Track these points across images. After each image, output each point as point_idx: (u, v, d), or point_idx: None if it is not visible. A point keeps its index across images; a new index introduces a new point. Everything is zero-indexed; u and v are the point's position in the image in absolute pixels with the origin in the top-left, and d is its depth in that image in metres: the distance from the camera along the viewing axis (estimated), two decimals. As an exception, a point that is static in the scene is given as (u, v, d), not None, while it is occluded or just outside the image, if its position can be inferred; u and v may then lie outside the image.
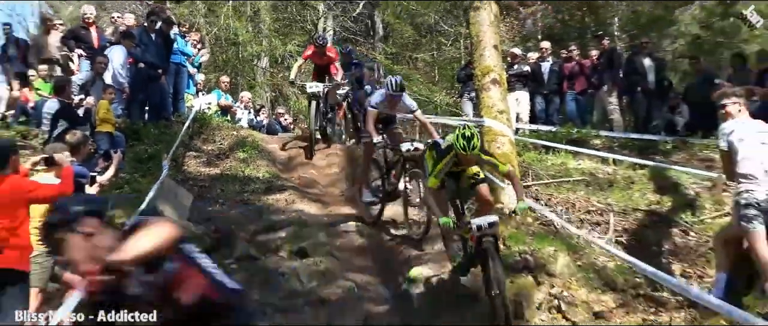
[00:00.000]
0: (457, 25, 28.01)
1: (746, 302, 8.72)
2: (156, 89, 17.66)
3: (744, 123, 8.95)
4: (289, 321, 9.94)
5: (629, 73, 17.96)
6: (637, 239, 11.45)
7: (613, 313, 9.61)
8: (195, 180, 15.04)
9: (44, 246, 5.62)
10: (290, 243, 12.03)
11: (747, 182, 8.54)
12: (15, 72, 17.68)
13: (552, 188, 13.20)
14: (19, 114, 16.66)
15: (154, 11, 20.16)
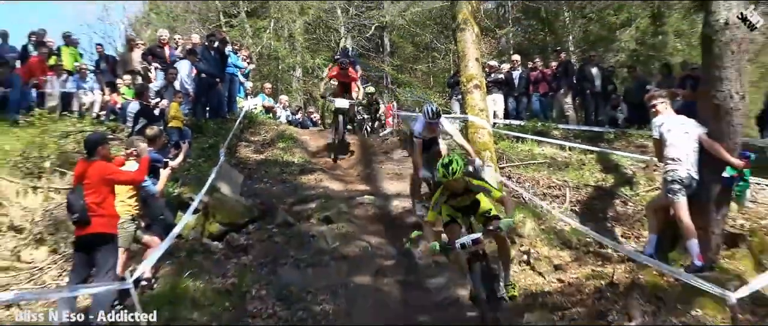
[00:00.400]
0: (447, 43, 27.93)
1: (671, 257, 8.71)
2: (214, 93, 17.71)
3: (670, 118, 8.95)
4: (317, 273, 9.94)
5: (581, 80, 17.98)
6: (587, 208, 11.45)
7: (569, 265, 9.63)
8: (245, 164, 15.04)
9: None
10: (318, 212, 12.03)
11: (673, 163, 8.55)
12: (106, 81, 17.69)
13: (521, 168, 13.21)
14: (109, 114, 16.65)
15: (212, 33, 20.25)
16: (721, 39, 8.43)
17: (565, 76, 18.26)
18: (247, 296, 9.27)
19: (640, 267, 8.65)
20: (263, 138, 17.10)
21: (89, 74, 17.77)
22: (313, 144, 17.35)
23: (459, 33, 13.83)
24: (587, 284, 8.85)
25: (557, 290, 8.92)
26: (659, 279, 8.31)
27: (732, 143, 8.50)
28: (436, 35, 30.10)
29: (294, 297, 9.24)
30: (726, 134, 8.49)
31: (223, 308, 8.91)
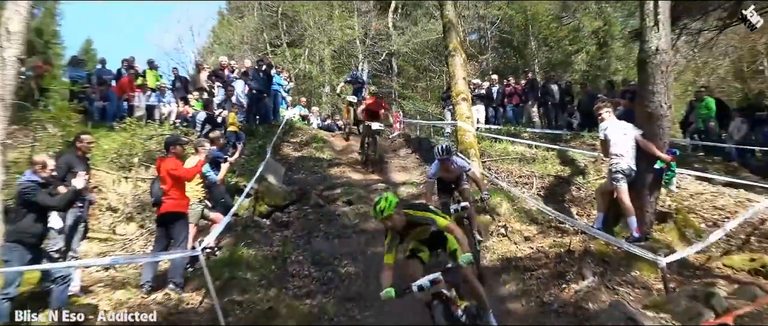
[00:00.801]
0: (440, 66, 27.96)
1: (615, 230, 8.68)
2: (262, 105, 17.75)
3: (613, 123, 8.95)
4: (342, 243, 9.95)
5: (544, 94, 17.95)
6: (550, 193, 11.40)
7: (536, 237, 9.60)
8: (286, 160, 15.06)
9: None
10: (343, 196, 12.05)
11: (616, 157, 8.56)
12: (180, 96, 17.72)
13: (498, 162, 13.16)
14: (182, 121, 16.68)
15: (261, 59, 20.30)
16: (653, 62, 8.43)
17: (532, 91, 18.20)
18: (288, 260, 9.29)
19: (591, 238, 8.62)
20: (300, 140, 17.11)
21: (167, 91, 17.83)
22: (338, 144, 17.38)
23: (450, 58, 13.83)
24: (550, 251, 8.83)
25: (527, 256, 8.90)
26: (606, 248, 8.29)
27: (662, 142, 8.51)
28: (432, 60, 30.10)
29: (324, 261, 9.26)
30: (657, 135, 8.51)
31: (269, 270, 8.92)
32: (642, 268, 7.70)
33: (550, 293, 7.55)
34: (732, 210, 10.24)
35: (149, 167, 12.52)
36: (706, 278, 7.49)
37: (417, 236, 6.31)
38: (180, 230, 8.55)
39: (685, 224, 9.34)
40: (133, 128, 13.80)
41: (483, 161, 12.68)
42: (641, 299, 6.72)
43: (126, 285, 8.60)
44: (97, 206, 10.94)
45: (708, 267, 8.01)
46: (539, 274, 8.14)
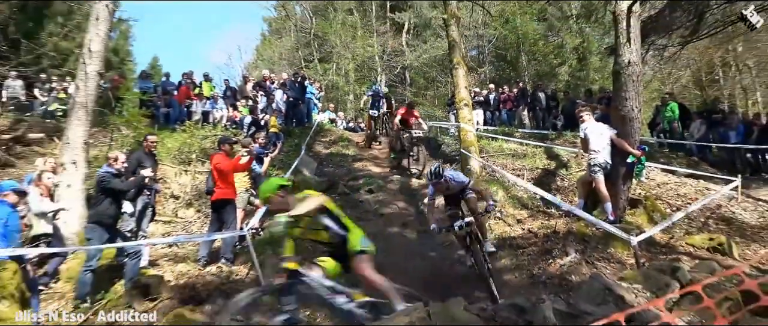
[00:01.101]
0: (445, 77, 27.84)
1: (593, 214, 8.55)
2: (298, 110, 17.73)
3: (592, 124, 8.82)
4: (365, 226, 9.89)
5: (533, 100, 17.80)
6: (538, 182, 11.25)
7: (526, 220, 9.49)
8: (318, 156, 15.04)
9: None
10: (365, 186, 12.01)
11: (594, 153, 8.43)
12: (230, 103, 17.76)
13: (495, 157, 13.04)
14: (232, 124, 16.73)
15: (296, 72, 20.27)
16: (626, 72, 8.35)
17: (523, 97, 18.08)
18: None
19: (574, 220, 8.54)
20: (329, 139, 17.07)
21: (219, 99, 17.87)
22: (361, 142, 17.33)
23: (454, 70, 13.70)
24: (539, 232, 8.74)
25: (519, 235, 8.82)
26: (586, 229, 8.20)
27: (633, 140, 8.42)
28: (439, 72, 30.04)
29: (349, 240, 9.23)
30: (629, 135, 8.41)
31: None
32: (616, 246, 7.61)
33: (539, 267, 7.47)
34: (693, 197, 10.13)
35: (204, 162, 12.57)
36: (671, 254, 7.39)
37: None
38: (230, 214, 8.58)
39: (653, 209, 9.22)
40: (191, 130, 13.87)
41: (482, 156, 12.59)
42: (616, 272, 6.63)
43: (186, 260, 8.65)
44: (162, 195, 11.02)
45: (673, 245, 7.91)
46: (529, 251, 8.06)
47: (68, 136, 9.71)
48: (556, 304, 3.91)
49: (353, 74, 30.75)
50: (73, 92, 10.24)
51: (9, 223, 6.16)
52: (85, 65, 9.94)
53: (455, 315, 3.56)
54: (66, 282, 7.94)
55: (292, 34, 34.17)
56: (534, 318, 3.70)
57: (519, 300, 4.04)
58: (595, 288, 4.32)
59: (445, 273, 7.86)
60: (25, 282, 5.75)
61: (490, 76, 27.48)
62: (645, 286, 4.74)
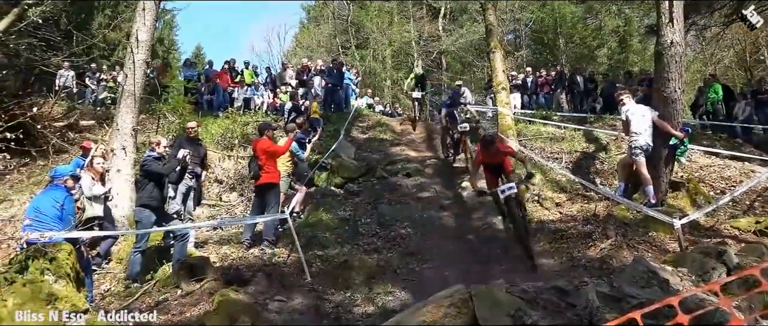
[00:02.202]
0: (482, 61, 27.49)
1: (634, 198, 8.33)
2: (336, 96, 17.73)
3: (633, 106, 8.52)
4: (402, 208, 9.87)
5: (571, 83, 17.38)
6: (577, 166, 11.04)
7: (565, 203, 9.29)
8: (356, 140, 15.03)
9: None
10: (402, 170, 11.93)
11: (636, 135, 8.15)
12: (270, 89, 17.91)
13: (532, 141, 12.80)
14: (272, 110, 16.87)
15: (334, 59, 20.30)
16: (668, 53, 8.07)
17: (560, 81, 17.65)
18: (358, 222, 9.27)
19: (614, 204, 8.32)
20: (366, 124, 17.05)
21: (260, 86, 18.04)
22: (398, 127, 17.24)
23: (491, 54, 13.52)
24: (577, 215, 8.55)
25: (558, 219, 8.64)
26: (626, 212, 7.97)
27: (675, 122, 8.17)
28: (475, 56, 29.67)
29: (388, 223, 9.20)
30: (671, 116, 8.16)
31: (343, 230, 8.94)
32: (658, 230, 7.37)
33: (579, 251, 7.30)
34: (737, 180, 9.74)
35: (247, 147, 12.72)
36: (716, 238, 7.13)
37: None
38: (271, 197, 8.66)
39: (696, 192, 8.89)
40: (233, 116, 14.05)
41: (520, 140, 12.38)
42: (658, 256, 6.43)
43: (230, 242, 8.78)
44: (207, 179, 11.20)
45: (717, 229, 7.64)
46: (569, 235, 7.88)
47: (117, 123, 9.94)
48: (599, 287, 3.80)
49: (390, 60, 30.63)
50: (121, 81, 10.46)
51: (65, 207, 6.33)
52: (133, 55, 10.13)
53: (497, 297, 3.49)
54: (117, 263, 8.17)
55: (329, 22, 34.18)
56: (576, 300, 3.60)
57: (561, 283, 3.95)
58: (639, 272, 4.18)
59: (484, 255, 7.76)
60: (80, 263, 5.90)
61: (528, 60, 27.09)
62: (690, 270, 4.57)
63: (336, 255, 7.76)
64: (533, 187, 9.84)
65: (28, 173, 11.59)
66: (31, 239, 5.66)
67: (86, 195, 7.97)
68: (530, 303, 3.53)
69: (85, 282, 6.18)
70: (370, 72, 30.32)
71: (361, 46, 32.17)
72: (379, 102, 23.24)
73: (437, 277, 6.95)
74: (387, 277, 7.03)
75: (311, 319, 5.76)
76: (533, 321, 3.30)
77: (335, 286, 6.76)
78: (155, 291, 6.71)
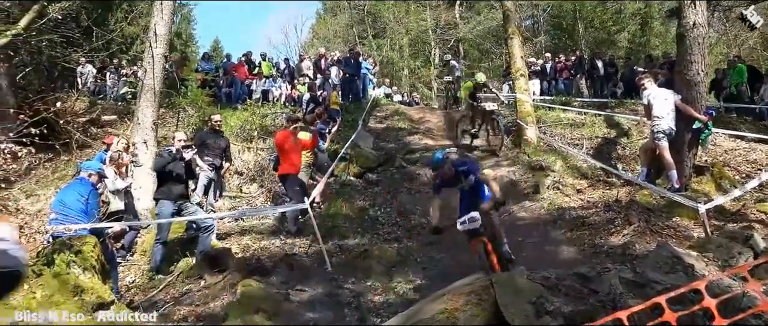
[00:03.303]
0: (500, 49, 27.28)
1: (657, 183, 8.21)
2: (354, 86, 17.70)
3: (654, 90, 8.37)
4: (421, 197, 9.86)
5: (590, 68, 17.17)
6: (598, 152, 10.91)
7: (586, 190, 9.20)
8: (374, 130, 15.00)
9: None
10: (421, 159, 11.90)
11: (658, 119, 7.99)
12: (288, 81, 17.96)
13: (552, 127, 12.67)
14: (291, 102, 16.91)
15: (351, 49, 20.27)
16: (691, 35, 7.94)
17: (580, 66, 17.44)
18: (378, 212, 9.30)
19: (636, 189, 8.22)
20: (384, 114, 17.00)
21: (278, 78, 18.09)
22: (416, 116, 17.17)
23: (509, 40, 13.39)
24: (599, 201, 8.46)
25: (579, 206, 8.55)
26: (649, 198, 7.88)
27: (699, 105, 8.03)
28: (493, 43, 29.45)
29: (407, 212, 9.22)
30: (695, 99, 8.03)
31: (363, 220, 8.98)
32: (682, 215, 7.27)
33: (600, 237, 7.22)
34: (763, 163, 9.55)
35: (266, 139, 12.78)
36: (742, 222, 6.99)
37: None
38: (293, 184, 8.71)
39: (720, 176, 8.74)
40: (252, 108, 14.11)
41: (539, 127, 12.27)
42: (682, 242, 6.33)
43: (251, 233, 8.85)
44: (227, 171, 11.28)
45: (743, 213, 7.48)
46: (590, 221, 7.80)
47: (138, 117, 10.05)
48: (623, 273, 3.76)
49: (407, 49, 30.54)
50: (141, 75, 10.56)
51: (89, 201, 6.43)
52: (152, 49, 10.21)
53: (518, 284, 3.47)
54: (141, 255, 8.29)
55: (346, 12, 34.14)
56: (599, 286, 3.57)
57: (583, 269, 3.91)
58: (663, 257, 4.12)
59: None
60: (105, 255, 6.00)
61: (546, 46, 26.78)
62: (716, 255, 4.50)
63: (356, 244, 7.79)
64: (553, 173, 9.75)
65: (52, 168, 11.79)
66: (57, 232, 5.76)
67: (109, 189, 8.09)
68: (552, 290, 3.51)
69: (110, 273, 6.29)
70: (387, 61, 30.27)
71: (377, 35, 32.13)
72: (397, 91, 23.18)
73: (457, 266, 6.93)
74: (407, 266, 7.05)
75: (332, 308, 5.79)
76: (555, 308, 3.28)
77: (355, 275, 6.79)
78: (179, 283, 6.80)
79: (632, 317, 2.37)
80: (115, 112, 14.94)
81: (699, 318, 2.83)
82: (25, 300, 4.74)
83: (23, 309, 4.66)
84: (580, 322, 3.10)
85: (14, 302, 4.69)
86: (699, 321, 2.86)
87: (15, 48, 9.24)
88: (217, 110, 13.28)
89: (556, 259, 6.53)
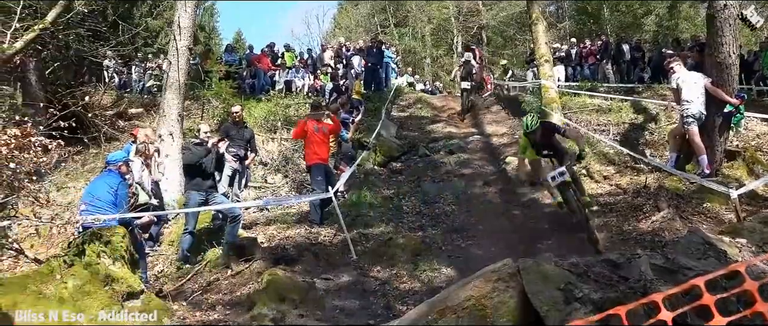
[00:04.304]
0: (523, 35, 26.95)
1: (687, 169, 8.04)
2: (377, 75, 17.68)
3: (683, 73, 8.14)
4: (445, 185, 9.82)
5: (617, 53, 16.86)
6: (625, 138, 10.72)
7: (614, 176, 9.08)
8: (397, 119, 14.99)
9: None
10: (445, 147, 11.86)
11: (687, 103, 7.80)
12: (310, 71, 17.99)
13: (578, 114, 12.48)
14: (314, 92, 16.94)
15: (374, 38, 20.24)
16: (721, 16, 7.67)
17: (606, 51, 17.12)
18: (402, 200, 9.29)
19: (665, 175, 8.07)
20: (407, 102, 16.98)
21: (301, 68, 18.13)
22: (438, 104, 17.11)
23: (533, 26, 13.23)
24: (627, 188, 8.34)
25: (607, 192, 8.44)
26: (679, 184, 7.74)
27: (730, 88, 7.80)
28: (517, 30, 29.11)
29: (432, 201, 9.18)
30: (726, 82, 7.79)
31: (387, 208, 8.97)
32: (713, 200, 7.12)
33: (629, 224, 7.11)
34: (798, 147, 9.29)
35: (290, 129, 12.83)
36: (775, 208, 6.82)
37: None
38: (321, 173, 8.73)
39: (753, 160, 8.52)
40: (275, 99, 14.18)
41: (564, 113, 12.10)
42: (714, 228, 6.21)
43: (276, 223, 8.91)
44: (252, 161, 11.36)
45: (777, 198, 7.31)
46: (618, 208, 7.69)
47: (164, 109, 10.17)
48: (653, 259, 3.69)
49: (429, 37, 30.38)
50: (166, 68, 10.66)
51: (118, 192, 6.51)
52: (176, 41, 10.29)
53: (546, 270, 3.42)
54: (169, 246, 8.41)
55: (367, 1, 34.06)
56: (629, 273, 3.50)
57: (612, 255, 3.85)
58: (694, 243, 4.04)
59: (531, 231, 7.66)
60: (134, 246, 6.09)
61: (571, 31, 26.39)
62: (749, 240, 4.39)
63: (380, 233, 7.79)
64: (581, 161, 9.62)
65: (82, 161, 12.02)
66: (87, 223, 5.86)
67: (136, 180, 8.20)
68: (580, 277, 3.45)
69: (139, 263, 6.39)
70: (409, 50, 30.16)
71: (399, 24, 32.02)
72: (420, 80, 23.10)
73: (483, 253, 6.90)
74: (432, 254, 7.02)
75: (358, 296, 5.81)
76: (584, 294, 3.23)
77: (380, 264, 6.79)
78: (206, 272, 6.88)
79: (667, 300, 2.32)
80: (142, 105, 15.15)
81: (732, 304, 2.77)
82: (57, 290, 4.83)
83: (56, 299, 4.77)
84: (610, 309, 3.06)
85: (47, 291, 4.80)
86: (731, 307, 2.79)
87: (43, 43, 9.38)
88: (240, 101, 13.37)
89: (585, 246, 6.44)
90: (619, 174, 9.08)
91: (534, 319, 3.26)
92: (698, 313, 2.71)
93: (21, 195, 6.18)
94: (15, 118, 5.70)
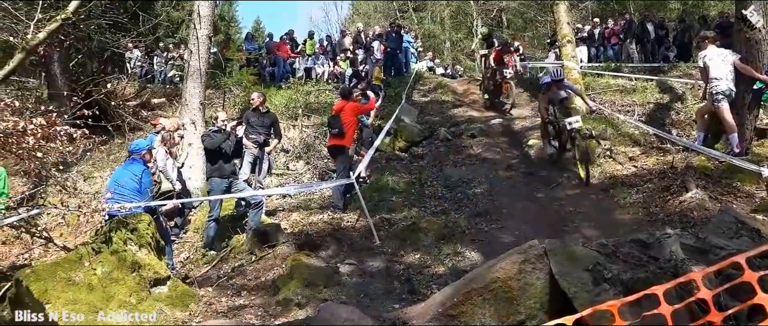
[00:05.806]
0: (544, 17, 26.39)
1: (716, 148, 7.86)
2: (396, 60, 17.56)
3: (712, 50, 7.89)
4: (468, 169, 9.74)
5: (641, 32, 16.48)
6: (650, 118, 10.52)
7: (639, 157, 8.90)
8: (417, 104, 14.89)
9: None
10: (466, 131, 11.75)
11: (716, 81, 7.58)
12: (330, 58, 17.96)
13: (602, 94, 12.28)
14: (334, 79, 16.92)
15: (393, 22, 20.08)
16: (751, -10, 7.45)
17: (629, 30, 16.74)
18: (424, 185, 9.24)
19: (693, 155, 7.90)
20: (428, 87, 16.86)
21: (321, 55, 18.11)
22: (459, 88, 16.95)
23: (555, 6, 13.00)
24: (653, 168, 8.18)
25: (632, 173, 8.28)
26: (707, 163, 7.57)
27: (761, 64, 7.55)
28: (537, 12, 28.52)
29: (454, 185, 9.11)
30: (756, 58, 7.57)
31: (410, 193, 8.92)
32: (743, 179, 6.95)
33: (656, 204, 6.98)
34: (832, 124, 9.01)
35: (310, 117, 12.84)
36: (809, 186, 6.63)
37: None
38: (343, 157, 8.74)
39: (785, 138, 8.31)
40: (296, 86, 14.19)
41: (588, 94, 11.90)
42: (745, 207, 6.06)
43: (299, 209, 8.94)
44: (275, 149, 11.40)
45: (810, 176, 7.09)
46: (644, 189, 7.54)
47: (186, 98, 10.25)
48: (684, 239, 3.60)
49: (449, 21, 30.11)
50: (187, 57, 10.72)
51: (143, 180, 6.58)
52: (196, 30, 10.33)
53: (574, 251, 3.36)
54: (194, 232, 8.51)
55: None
56: (659, 253, 3.43)
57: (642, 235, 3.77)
58: (726, 222, 3.92)
59: (555, 212, 7.57)
60: (160, 233, 6.16)
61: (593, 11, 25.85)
62: (784, 219, 4.27)
63: (403, 217, 7.76)
64: (604, 141, 9.46)
65: (107, 151, 12.20)
66: (113, 211, 5.94)
67: (160, 168, 8.29)
68: (609, 257, 3.39)
69: (165, 250, 6.46)
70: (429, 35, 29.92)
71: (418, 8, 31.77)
72: (440, 64, 22.91)
73: (507, 237, 6.84)
74: (456, 238, 6.97)
75: (382, 281, 5.80)
76: (613, 275, 3.17)
77: (404, 249, 6.77)
78: (231, 258, 6.95)
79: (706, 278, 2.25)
80: (164, 94, 15.29)
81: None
82: (86, 277, 4.91)
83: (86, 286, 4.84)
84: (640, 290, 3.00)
85: (77, 278, 4.88)
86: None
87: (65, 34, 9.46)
88: (260, 89, 13.40)
89: (611, 227, 6.34)
90: (644, 155, 8.91)
91: (562, 301, 3.21)
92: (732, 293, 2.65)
93: (49, 184, 6.27)
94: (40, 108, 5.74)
